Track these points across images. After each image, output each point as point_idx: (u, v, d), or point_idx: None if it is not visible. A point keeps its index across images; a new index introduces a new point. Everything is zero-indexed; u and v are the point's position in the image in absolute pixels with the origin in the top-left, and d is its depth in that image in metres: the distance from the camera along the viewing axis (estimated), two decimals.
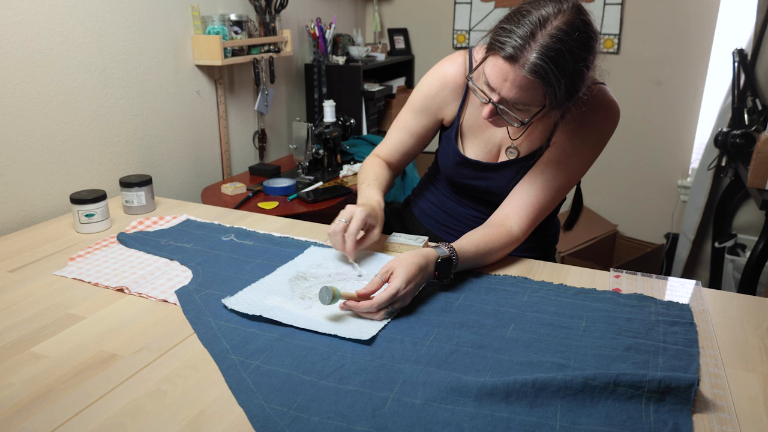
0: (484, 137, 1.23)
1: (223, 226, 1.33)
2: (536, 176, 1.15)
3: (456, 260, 1.03)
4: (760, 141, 1.75)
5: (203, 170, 2.08)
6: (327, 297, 0.90)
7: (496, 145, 1.23)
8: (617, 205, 2.95)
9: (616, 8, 2.69)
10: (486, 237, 1.10)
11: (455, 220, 1.33)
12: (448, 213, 1.34)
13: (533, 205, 1.14)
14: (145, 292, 1.03)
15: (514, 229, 1.14)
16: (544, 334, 0.89)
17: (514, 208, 1.15)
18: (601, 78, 1.12)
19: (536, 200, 1.14)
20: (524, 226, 1.14)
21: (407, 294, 0.94)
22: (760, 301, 1.02)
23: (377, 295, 0.92)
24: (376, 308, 0.91)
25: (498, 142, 1.22)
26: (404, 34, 3.08)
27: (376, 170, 1.29)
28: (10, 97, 1.39)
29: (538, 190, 1.14)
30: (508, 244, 1.13)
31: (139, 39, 1.72)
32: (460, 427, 0.70)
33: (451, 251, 1.02)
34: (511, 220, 1.14)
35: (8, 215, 1.42)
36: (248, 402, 0.74)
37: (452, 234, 1.33)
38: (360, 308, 0.92)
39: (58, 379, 0.79)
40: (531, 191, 1.14)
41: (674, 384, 0.73)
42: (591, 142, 1.15)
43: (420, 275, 0.96)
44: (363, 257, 1.16)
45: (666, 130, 2.75)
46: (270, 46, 2.20)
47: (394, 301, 0.93)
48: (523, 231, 1.15)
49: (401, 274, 0.93)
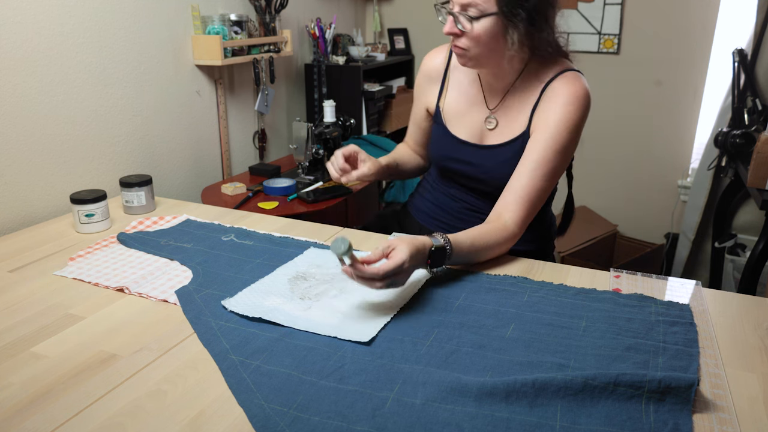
0: (466, 121, 1.29)
1: (223, 226, 1.33)
2: (522, 168, 1.18)
3: (450, 250, 1.04)
4: (760, 141, 1.75)
5: (203, 170, 2.08)
6: (342, 246, 0.89)
7: (478, 128, 1.28)
8: (617, 205, 2.94)
9: (616, 8, 2.69)
10: (482, 231, 1.13)
11: (448, 214, 1.36)
12: (440, 207, 1.37)
13: (523, 197, 1.16)
14: (145, 292, 1.03)
15: (509, 223, 1.16)
16: (544, 334, 0.89)
17: (506, 203, 1.17)
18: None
19: (525, 191, 1.16)
20: (518, 219, 1.16)
21: (407, 271, 0.96)
22: (760, 301, 1.02)
23: (382, 264, 0.93)
24: (382, 276, 0.92)
25: (480, 122, 1.28)
26: (404, 34, 3.08)
27: (399, 150, 1.46)
28: (10, 97, 1.39)
29: (525, 182, 1.16)
30: (506, 238, 1.14)
31: (139, 39, 1.72)
32: (460, 427, 0.70)
33: (446, 241, 1.04)
34: (505, 215, 1.16)
35: (8, 215, 1.42)
36: (248, 402, 0.74)
37: (446, 229, 1.35)
38: (365, 272, 0.92)
39: (58, 379, 0.79)
40: (519, 184, 1.17)
41: (674, 384, 0.73)
42: (568, 125, 1.17)
43: (418, 257, 0.98)
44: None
45: (666, 130, 2.75)
46: (270, 46, 2.20)
47: (396, 274, 0.94)
48: (518, 224, 1.16)
49: (405, 249, 0.95)
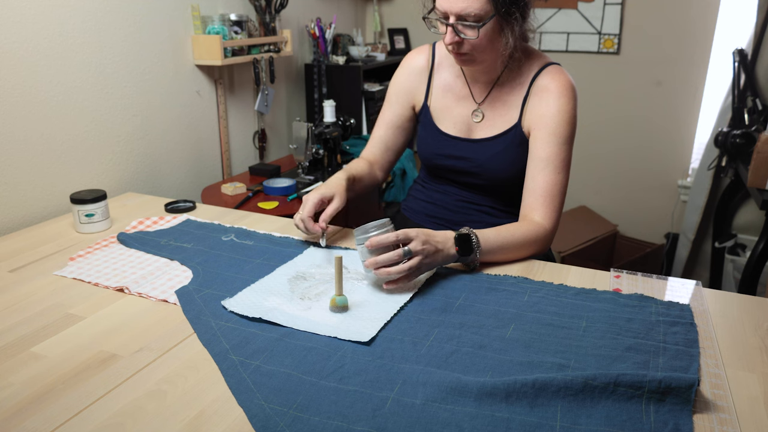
0: (453, 116, 1.31)
1: (223, 226, 1.33)
2: (533, 169, 1.20)
3: (475, 237, 1.07)
4: (760, 141, 1.75)
5: (203, 170, 2.08)
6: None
7: (465, 122, 1.30)
8: (617, 205, 2.94)
9: (616, 8, 2.69)
10: (509, 225, 1.16)
11: (443, 209, 1.37)
12: (435, 204, 1.38)
13: (543, 194, 1.18)
14: (145, 292, 1.03)
15: (537, 219, 1.18)
16: (544, 335, 0.89)
17: (529, 206, 1.20)
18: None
19: (544, 189, 1.18)
20: (546, 215, 1.18)
21: (427, 250, 1.01)
22: (760, 301, 1.02)
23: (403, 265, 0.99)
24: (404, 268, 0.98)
25: (467, 116, 1.30)
26: (404, 34, 3.08)
27: (352, 165, 1.35)
28: (10, 97, 1.39)
29: (541, 180, 1.19)
30: (538, 233, 1.16)
31: (139, 39, 1.72)
32: (460, 427, 0.70)
33: (468, 230, 1.08)
34: (531, 214, 1.19)
35: (8, 215, 1.42)
36: (248, 402, 0.74)
37: (443, 225, 1.37)
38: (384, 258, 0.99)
39: (58, 379, 0.79)
40: (535, 184, 1.19)
41: (674, 384, 0.73)
42: (565, 117, 1.19)
43: (431, 239, 1.03)
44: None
45: (666, 130, 2.75)
46: (270, 46, 2.20)
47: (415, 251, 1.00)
48: (548, 218, 1.18)
49: (413, 229, 1.01)
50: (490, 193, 1.32)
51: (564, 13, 2.80)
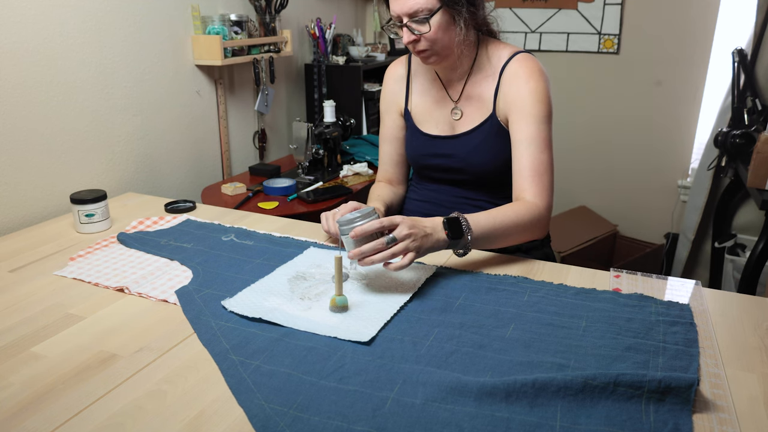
0: (434, 118, 1.34)
1: (223, 226, 1.33)
2: (517, 151, 1.22)
3: (464, 220, 1.07)
4: (760, 141, 1.75)
5: (203, 170, 2.08)
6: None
7: (447, 121, 1.33)
8: (617, 205, 2.94)
9: (616, 8, 2.69)
10: (502, 207, 1.17)
11: (439, 207, 1.38)
12: (429, 202, 1.40)
13: (531, 173, 1.19)
14: (145, 292, 1.03)
15: (529, 198, 1.19)
16: (544, 334, 0.89)
17: (519, 186, 1.21)
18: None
19: (531, 168, 1.20)
20: (537, 192, 1.19)
21: (415, 234, 1.01)
22: (760, 301, 1.02)
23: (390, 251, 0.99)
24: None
25: (447, 115, 1.33)
26: None
27: (376, 192, 1.41)
28: (10, 97, 1.39)
29: (526, 160, 1.20)
30: (530, 210, 1.16)
31: (139, 39, 1.72)
32: (460, 427, 0.70)
33: (458, 214, 1.08)
34: (523, 194, 1.20)
35: (8, 215, 1.42)
36: (248, 402, 0.74)
37: None
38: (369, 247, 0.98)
39: (58, 379, 0.79)
40: (521, 164, 1.21)
41: (674, 384, 0.73)
42: (539, 97, 1.21)
43: (419, 224, 1.03)
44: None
45: (666, 130, 2.75)
46: (270, 46, 2.20)
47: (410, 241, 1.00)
48: (539, 196, 1.19)
49: (399, 217, 1.02)
50: (480, 187, 1.33)
51: (564, 13, 2.80)
